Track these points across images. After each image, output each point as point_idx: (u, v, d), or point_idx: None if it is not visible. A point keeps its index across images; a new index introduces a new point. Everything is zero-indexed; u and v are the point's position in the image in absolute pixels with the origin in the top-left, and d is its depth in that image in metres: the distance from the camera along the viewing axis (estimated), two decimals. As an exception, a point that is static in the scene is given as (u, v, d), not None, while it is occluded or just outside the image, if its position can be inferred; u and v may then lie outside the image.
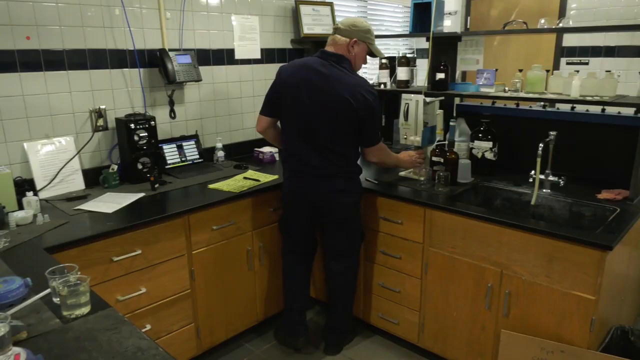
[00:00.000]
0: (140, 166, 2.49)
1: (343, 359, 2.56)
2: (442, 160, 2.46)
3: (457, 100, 3.01)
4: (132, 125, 2.44)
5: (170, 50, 2.66)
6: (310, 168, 2.27)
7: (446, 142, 2.53)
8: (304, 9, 3.29)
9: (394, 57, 3.06)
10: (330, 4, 3.47)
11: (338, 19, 3.59)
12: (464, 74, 2.99)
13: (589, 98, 2.22)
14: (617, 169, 2.39)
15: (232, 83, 3.06)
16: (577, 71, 2.37)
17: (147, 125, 2.49)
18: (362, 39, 2.26)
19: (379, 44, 2.45)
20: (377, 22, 4.31)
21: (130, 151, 2.46)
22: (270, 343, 2.68)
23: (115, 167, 2.48)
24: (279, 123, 2.42)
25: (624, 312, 2.41)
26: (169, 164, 2.73)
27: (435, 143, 2.54)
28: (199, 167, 2.80)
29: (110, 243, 1.93)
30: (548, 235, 1.91)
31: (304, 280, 2.61)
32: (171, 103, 2.75)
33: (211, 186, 2.48)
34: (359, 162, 2.38)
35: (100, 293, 1.39)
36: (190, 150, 2.83)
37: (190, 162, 2.82)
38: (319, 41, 3.37)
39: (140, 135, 2.46)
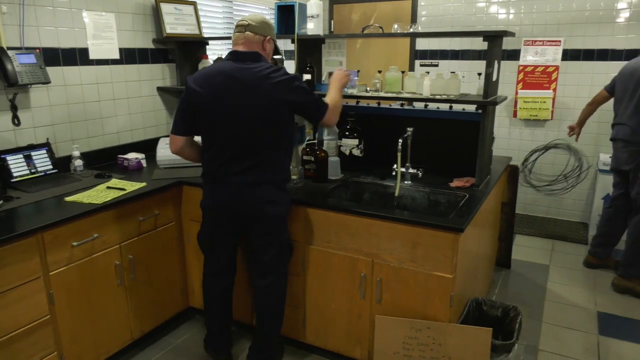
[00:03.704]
0: (-23, 181, 2.17)
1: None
2: (312, 158, 2.54)
3: (324, 100, 3.12)
4: (-35, 135, 2.12)
5: (10, 48, 2.36)
6: (236, 177, 2.10)
7: (316, 141, 2.61)
8: (166, 8, 3.15)
9: (262, 59, 3.08)
10: (194, 3, 3.37)
11: (203, 19, 3.51)
12: (330, 75, 3.11)
13: (437, 96, 2.46)
14: (464, 159, 2.67)
15: (87, 85, 2.81)
16: (428, 72, 2.62)
17: (-16, 135, 2.18)
18: (272, 35, 2.16)
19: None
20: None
21: (-37, 165, 2.13)
22: (147, 361, 2.53)
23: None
24: (197, 138, 2.23)
25: (477, 286, 2.72)
26: (16, 177, 2.42)
27: (306, 142, 2.60)
28: (54, 178, 2.53)
29: (-58, 273, 1.66)
30: (410, 224, 2.07)
31: (226, 302, 2.43)
32: (14, 108, 2.45)
33: (69, 199, 2.25)
34: (289, 169, 2.25)
35: None
36: (41, 161, 2.55)
37: (42, 173, 2.54)
38: (183, 41, 3.26)
39: (-24, 146, 2.15)
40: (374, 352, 2.25)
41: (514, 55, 4.34)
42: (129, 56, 3.03)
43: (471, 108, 2.69)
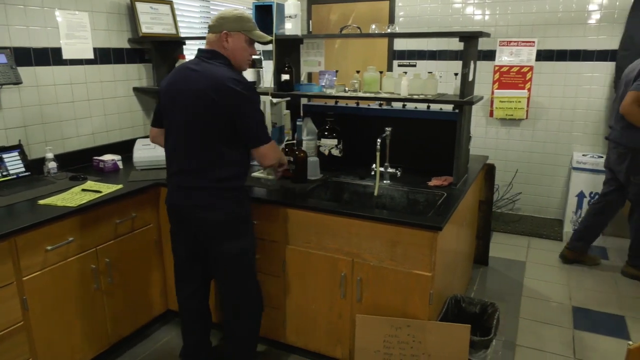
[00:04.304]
0: (-54, 185, 2.10)
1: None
2: (291, 159, 2.53)
3: (303, 101, 3.12)
4: None
5: (-21, 48, 2.30)
6: (180, 178, 2.05)
7: (295, 142, 2.61)
8: (141, 7, 3.11)
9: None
10: (170, 3, 3.33)
11: (179, 19, 3.47)
12: (309, 75, 3.11)
13: (415, 96, 2.48)
14: (442, 158, 2.71)
15: (61, 86, 2.75)
16: (405, 72, 2.64)
17: (-48, 137, 2.11)
18: (233, 29, 2.01)
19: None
20: (221, 23, 4.25)
21: None
22: (126, 366, 2.49)
23: None
24: None
25: (456, 283, 2.75)
26: (-14, 180, 2.36)
27: (285, 142, 2.60)
28: (26, 181, 2.47)
29: None
30: (390, 223, 2.09)
31: (193, 312, 2.31)
32: (-16, 109, 2.38)
33: (42, 202, 2.20)
34: (240, 171, 2.07)
35: None
36: (13, 163, 2.48)
37: (15, 176, 2.47)
38: (160, 41, 3.22)
39: (-56, 148, 2.09)
40: (354, 351, 2.25)
41: (490, 55, 4.41)
42: (103, 56, 2.98)
43: (448, 108, 2.72)
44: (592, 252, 3.73)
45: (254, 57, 2.23)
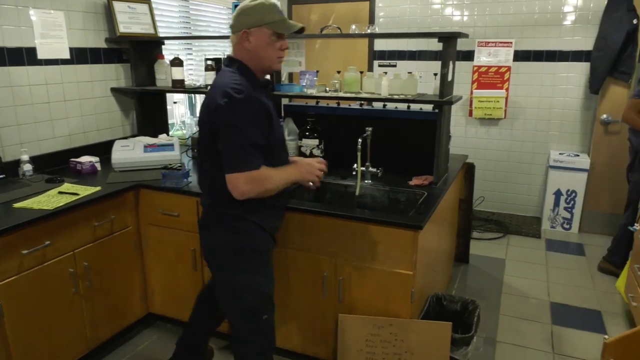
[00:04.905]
0: None
1: None
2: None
3: (285, 101, 3.12)
4: None
5: (-51, 48, 2.23)
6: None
7: (276, 142, 2.60)
8: (119, 6, 3.06)
9: (220, 59, 3.04)
10: (148, 2, 3.28)
11: (158, 19, 3.43)
12: (290, 75, 3.11)
13: (395, 96, 2.50)
14: (423, 157, 2.73)
15: (36, 86, 2.69)
16: (386, 73, 2.65)
17: None
18: (254, 24, 1.72)
19: (203, 46, 2.38)
20: (203, 24, 4.22)
21: None
22: (106, 371, 2.45)
23: None
24: None
25: (437, 281, 2.78)
26: (-41, 184, 2.30)
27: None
28: (1, 184, 2.41)
29: None
30: (371, 222, 2.10)
31: (204, 311, 2.27)
32: (-45, 111, 2.32)
33: (17, 205, 2.15)
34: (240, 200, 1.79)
35: None
36: (-13, 166, 2.42)
37: (-12, 179, 2.41)
38: (138, 41, 3.18)
39: None
40: (338, 351, 2.26)
41: (469, 56, 4.47)
42: (80, 56, 2.93)
43: (428, 107, 2.75)
44: (569, 249, 3.81)
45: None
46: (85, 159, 2.76)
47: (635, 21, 3.80)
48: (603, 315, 2.98)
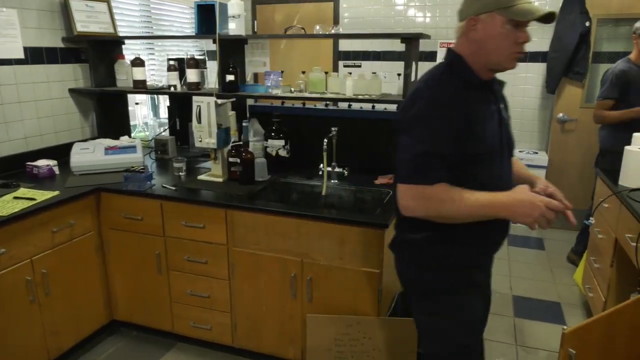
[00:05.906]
0: None
1: (156, 378, 2.42)
2: (238, 160, 2.50)
3: (249, 102, 3.09)
4: None
5: None
6: None
7: (241, 143, 2.58)
8: (76, 4, 2.97)
9: (183, 59, 2.99)
10: (107, 1, 3.19)
11: (118, 17, 3.35)
12: (255, 75, 3.09)
13: (360, 96, 2.52)
14: (388, 157, 2.75)
15: (-12, 87, 2.58)
16: (350, 73, 2.67)
17: None
18: (483, 9, 1.39)
19: (166, 46, 2.34)
20: (166, 23, 4.14)
21: None
22: (67, 381, 2.37)
23: None
24: None
25: (404, 278, 2.81)
26: None
27: (231, 144, 2.56)
28: (-50, 190, 2.30)
29: None
30: (338, 222, 2.10)
31: None
32: None
33: (-31, 212, 2.06)
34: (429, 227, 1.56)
35: None
36: None
37: (-63, 185, 2.29)
38: (97, 40, 3.09)
39: None
40: (306, 351, 2.26)
41: (432, 56, 4.54)
42: (35, 56, 2.82)
43: (393, 107, 2.78)
44: (530, 244, 3.93)
45: (196, 57, 1.90)
46: (42, 162, 2.66)
47: (587, 23, 3.96)
48: (562, 307, 3.10)
